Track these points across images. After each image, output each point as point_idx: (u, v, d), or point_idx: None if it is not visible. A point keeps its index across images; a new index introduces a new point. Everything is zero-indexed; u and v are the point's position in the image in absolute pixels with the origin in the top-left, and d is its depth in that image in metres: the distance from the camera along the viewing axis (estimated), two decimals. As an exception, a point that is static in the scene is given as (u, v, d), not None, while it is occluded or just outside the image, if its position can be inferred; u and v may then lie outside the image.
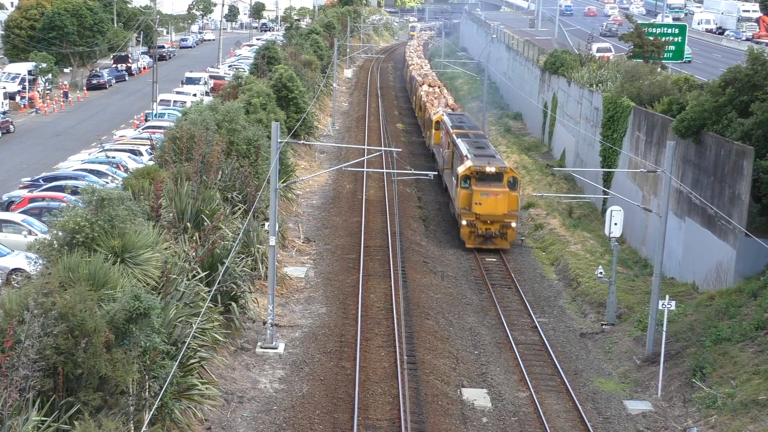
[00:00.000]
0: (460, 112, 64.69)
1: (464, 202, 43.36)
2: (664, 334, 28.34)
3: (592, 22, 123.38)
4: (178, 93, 78.15)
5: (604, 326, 34.14)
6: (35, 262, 22.51)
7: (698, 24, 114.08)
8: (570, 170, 52.90)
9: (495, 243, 43.18)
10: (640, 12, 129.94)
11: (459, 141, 48.54)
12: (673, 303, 28.74)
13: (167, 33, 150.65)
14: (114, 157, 48.47)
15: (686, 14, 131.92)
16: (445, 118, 57.55)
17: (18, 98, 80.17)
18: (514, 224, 43.18)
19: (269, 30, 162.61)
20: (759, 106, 33.02)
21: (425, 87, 78.95)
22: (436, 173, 52.68)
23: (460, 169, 44.05)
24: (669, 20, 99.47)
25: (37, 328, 17.46)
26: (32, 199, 39.16)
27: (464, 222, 43.27)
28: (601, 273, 34.46)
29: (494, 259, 42.54)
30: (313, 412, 25.58)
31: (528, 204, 50.89)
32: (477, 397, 27.81)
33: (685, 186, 37.04)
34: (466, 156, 45.24)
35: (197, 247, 29.02)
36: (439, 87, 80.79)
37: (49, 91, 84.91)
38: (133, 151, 51.02)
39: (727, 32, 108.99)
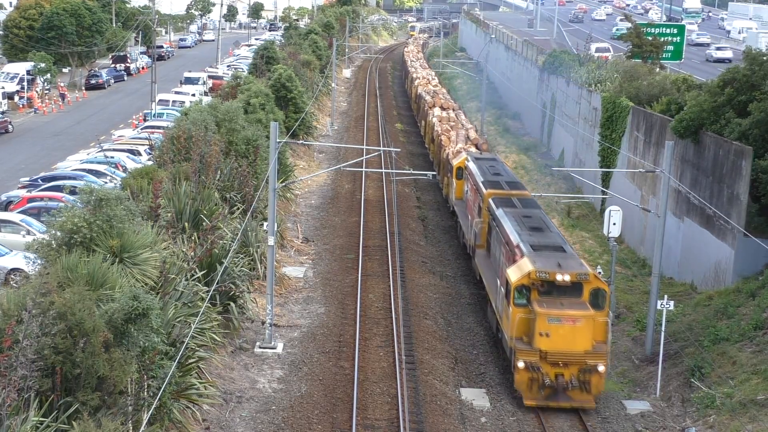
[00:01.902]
0: (490, 155, 46.98)
1: (521, 330, 27.03)
2: (662, 333, 28.36)
3: (565, 11, 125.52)
4: (176, 93, 78.22)
5: (602, 326, 33.94)
6: (34, 262, 22.51)
7: (738, 33, 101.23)
8: (569, 170, 52.88)
9: (571, 398, 26.84)
10: (659, 18, 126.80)
11: (502, 215, 32.18)
12: (672, 303, 28.76)
13: (166, 33, 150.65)
14: (113, 157, 48.47)
15: (703, 19, 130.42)
16: (472, 165, 41.10)
17: (17, 98, 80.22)
18: (602, 368, 26.58)
19: (277, 29, 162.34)
20: (757, 106, 33.09)
21: (437, 111, 63.56)
22: (445, 200, 47.08)
23: (513, 275, 27.31)
24: (694, 27, 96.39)
25: (36, 327, 17.44)
26: (31, 199, 39.16)
27: (521, 364, 26.58)
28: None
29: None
30: (311, 411, 25.58)
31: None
32: (476, 396, 27.80)
33: (684, 186, 37.06)
34: (518, 247, 28.86)
35: (196, 247, 29.02)
36: (454, 110, 65.61)
37: (47, 91, 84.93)
38: (131, 151, 51.04)
39: None
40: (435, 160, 57.06)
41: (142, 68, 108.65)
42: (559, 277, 26.69)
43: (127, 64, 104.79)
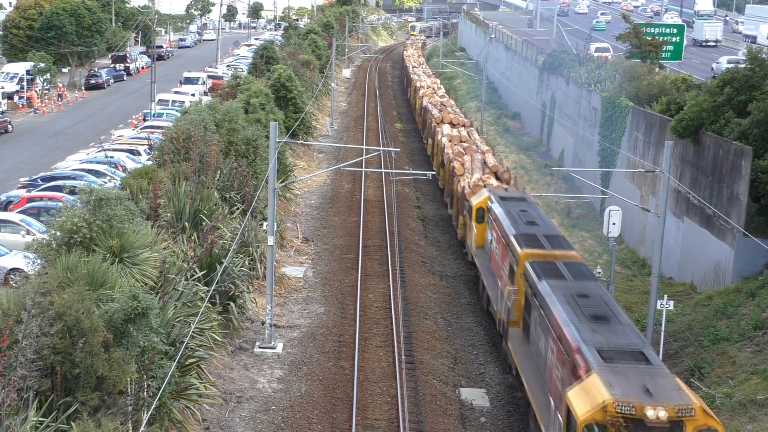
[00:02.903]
0: (518, 192, 37.18)
1: None
2: (662, 334, 28.35)
3: (553, 5, 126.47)
4: (176, 93, 78.24)
5: (602, 326, 33.73)
6: (33, 262, 22.50)
7: (766, 38, 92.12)
8: (568, 170, 52.90)
9: None
10: (675, 22, 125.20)
11: (547, 291, 23.65)
12: (672, 303, 28.76)
13: (165, 33, 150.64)
14: (112, 157, 48.47)
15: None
16: (497, 208, 32.99)
17: (16, 98, 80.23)
18: None
19: (279, 28, 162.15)
20: (756, 106, 33.12)
21: (446, 128, 54.58)
22: (461, 243, 41.42)
23: (579, 406, 18.21)
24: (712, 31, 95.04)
25: (35, 327, 17.44)
26: (30, 199, 39.15)
27: None
28: (599, 273, 34.44)
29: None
30: (311, 411, 25.58)
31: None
32: (475, 396, 27.80)
33: (684, 186, 37.06)
34: (578, 351, 19.93)
35: (195, 246, 28.99)
36: (465, 126, 56.73)
37: (47, 91, 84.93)
38: (131, 151, 51.04)
39: None
40: (446, 190, 48.45)
41: (142, 68, 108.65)
42: (650, 413, 17.42)
43: (127, 64, 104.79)
